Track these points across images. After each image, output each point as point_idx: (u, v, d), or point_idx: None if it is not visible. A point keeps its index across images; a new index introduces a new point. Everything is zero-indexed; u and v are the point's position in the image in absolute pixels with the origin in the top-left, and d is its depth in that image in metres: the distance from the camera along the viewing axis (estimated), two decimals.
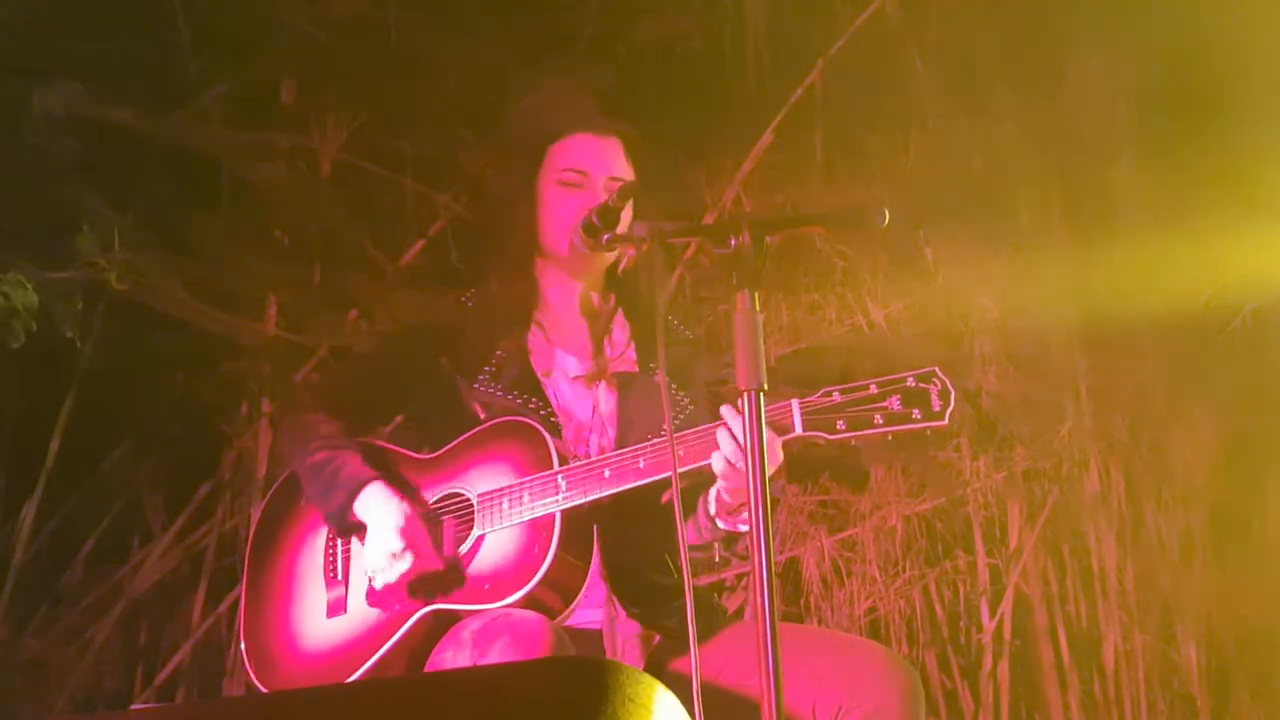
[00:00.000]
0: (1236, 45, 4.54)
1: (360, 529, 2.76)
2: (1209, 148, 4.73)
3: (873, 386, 2.60)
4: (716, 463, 2.59)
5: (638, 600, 2.76)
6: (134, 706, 4.34)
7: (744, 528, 2.70)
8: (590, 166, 2.88)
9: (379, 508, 2.73)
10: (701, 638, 2.42)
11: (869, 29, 4.65)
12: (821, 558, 4.60)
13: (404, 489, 2.78)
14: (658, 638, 2.79)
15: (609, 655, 2.73)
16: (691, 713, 2.11)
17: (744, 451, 2.19)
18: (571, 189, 2.87)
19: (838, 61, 4.65)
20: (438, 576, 2.69)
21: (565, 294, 2.95)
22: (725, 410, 2.56)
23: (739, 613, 4.50)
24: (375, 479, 2.76)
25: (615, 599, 2.75)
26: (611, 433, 2.86)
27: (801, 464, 4.64)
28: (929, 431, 2.59)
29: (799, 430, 2.59)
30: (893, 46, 4.75)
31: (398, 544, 2.67)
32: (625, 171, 2.91)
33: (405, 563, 2.67)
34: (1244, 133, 4.69)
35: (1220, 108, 4.71)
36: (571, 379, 2.90)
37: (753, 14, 4.40)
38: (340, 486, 2.76)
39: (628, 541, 2.77)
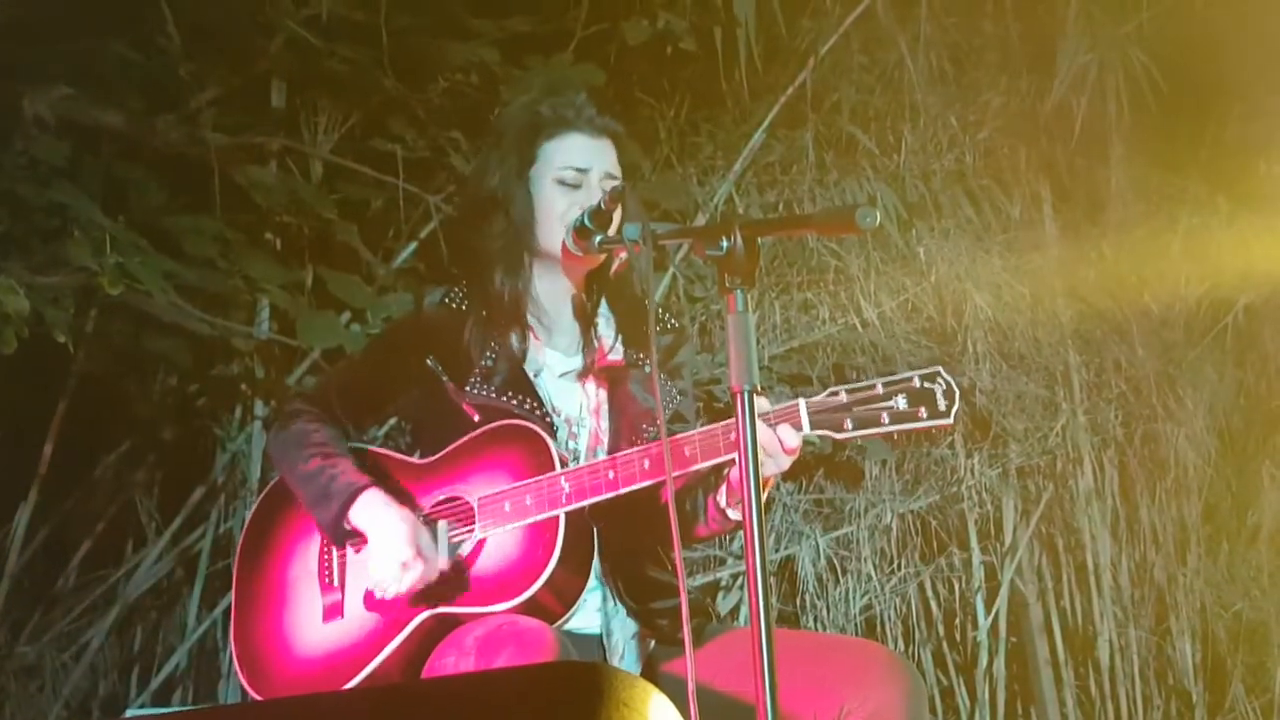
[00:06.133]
0: (1228, 40, 4.55)
1: (356, 537, 2.74)
2: (1201, 143, 4.75)
3: (879, 386, 2.61)
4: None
5: (634, 595, 2.76)
6: (130, 712, 4.33)
7: None
8: (589, 164, 2.87)
9: (378, 515, 2.70)
10: (694, 641, 2.42)
11: (860, 27, 4.65)
12: (817, 556, 4.59)
13: (399, 495, 2.76)
14: (653, 642, 2.79)
15: (607, 659, 2.73)
16: (687, 717, 2.11)
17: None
18: (569, 188, 2.84)
19: (829, 60, 4.66)
20: (444, 580, 2.68)
21: (556, 292, 2.93)
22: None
23: (734, 614, 4.49)
24: (370, 485, 2.74)
25: (613, 595, 2.75)
26: (603, 426, 2.85)
27: (795, 463, 4.63)
28: (928, 428, 2.60)
29: (807, 430, 2.60)
30: (884, 44, 4.76)
31: (408, 552, 2.65)
32: (616, 171, 2.90)
33: (416, 571, 2.65)
34: (1236, 128, 4.71)
35: (1212, 103, 4.73)
36: (559, 376, 2.89)
37: (743, 13, 4.39)
38: (335, 495, 2.73)
39: (627, 536, 2.77)
